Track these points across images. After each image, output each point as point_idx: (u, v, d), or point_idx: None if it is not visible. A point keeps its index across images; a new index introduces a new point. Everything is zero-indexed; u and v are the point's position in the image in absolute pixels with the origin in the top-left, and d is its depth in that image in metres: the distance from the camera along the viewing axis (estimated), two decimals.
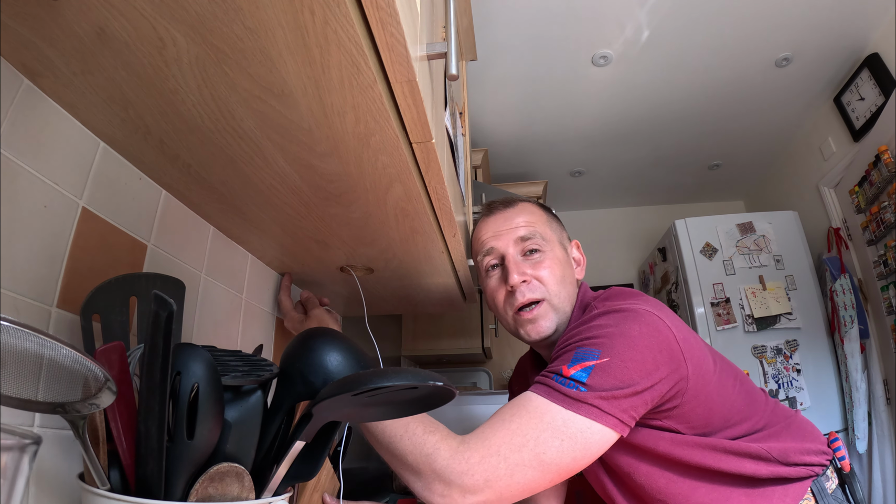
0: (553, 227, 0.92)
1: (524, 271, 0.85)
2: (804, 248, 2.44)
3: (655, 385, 0.68)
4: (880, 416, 2.03)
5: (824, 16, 1.92)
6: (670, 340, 0.71)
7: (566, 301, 0.86)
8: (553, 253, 0.87)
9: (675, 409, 0.72)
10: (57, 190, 0.56)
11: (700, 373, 0.73)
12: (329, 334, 0.61)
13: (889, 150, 1.89)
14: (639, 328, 0.70)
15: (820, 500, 0.75)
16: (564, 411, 0.66)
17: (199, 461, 0.46)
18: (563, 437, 0.65)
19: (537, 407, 0.67)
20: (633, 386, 0.67)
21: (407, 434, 0.69)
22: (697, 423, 0.74)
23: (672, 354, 0.70)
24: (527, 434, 0.65)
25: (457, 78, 0.56)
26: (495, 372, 2.57)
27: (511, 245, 0.87)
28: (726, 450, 0.74)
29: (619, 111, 2.45)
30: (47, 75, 0.51)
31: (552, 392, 0.67)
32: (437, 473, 0.66)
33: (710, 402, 0.74)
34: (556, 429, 0.65)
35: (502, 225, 0.90)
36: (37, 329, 0.33)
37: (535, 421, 0.66)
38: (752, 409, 0.79)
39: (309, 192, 0.71)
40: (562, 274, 0.86)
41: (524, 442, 0.65)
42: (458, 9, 1.22)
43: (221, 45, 0.44)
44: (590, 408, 0.65)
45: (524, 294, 0.84)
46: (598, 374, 0.66)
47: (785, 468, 0.74)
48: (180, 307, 0.66)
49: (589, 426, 0.65)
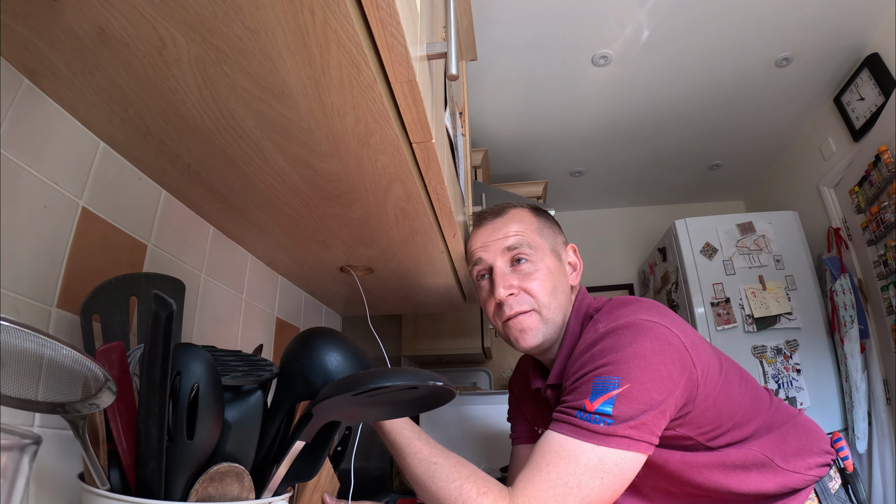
0: (545, 233, 0.90)
1: (510, 283, 0.84)
2: (804, 248, 2.44)
3: (674, 398, 0.69)
4: (880, 416, 2.03)
5: (824, 16, 1.92)
6: (680, 349, 0.71)
7: (557, 311, 0.84)
8: (543, 262, 0.86)
9: (687, 416, 0.72)
10: (57, 190, 0.56)
11: (708, 375, 0.73)
12: (329, 334, 0.61)
13: (889, 150, 1.89)
14: (650, 344, 0.70)
15: (823, 500, 0.75)
16: (598, 448, 0.65)
17: (199, 461, 0.46)
18: (602, 475, 0.65)
19: (570, 450, 0.66)
20: (657, 406, 0.67)
21: (453, 481, 0.69)
22: (708, 426, 0.74)
23: (683, 363, 0.70)
24: (568, 482, 0.64)
25: (457, 78, 0.56)
26: (495, 372, 2.57)
27: (498, 256, 0.86)
28: (735, 465, 0.75)
29: (619, 111, 2.45)
30: (47, 75, 0.51)
31: (580, 431, 0.67)
32: None
33: (718, 404, 0.74)
34: (594, 469, 0.65)
35: (490, 236, 0.88)
36: (37, 329, 0.33)
37: (573, 466, 0.65)
38: (758, 408, 0.79)
39: (309, 192, 0.71)
40: (552, 285, 0.85)
41: (567, 491, 0.64)
42: (458, 9, 1.22)
43: (221, 45, 0.44)
44: (621, 439, 0.65)
45: (511, 307, 0.83)
46: (623, 403, 0.66)
47: (791, 476, 0.75)
48: (180, 307, 0.66)
49: (623, 457, 0.65)
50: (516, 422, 1.06)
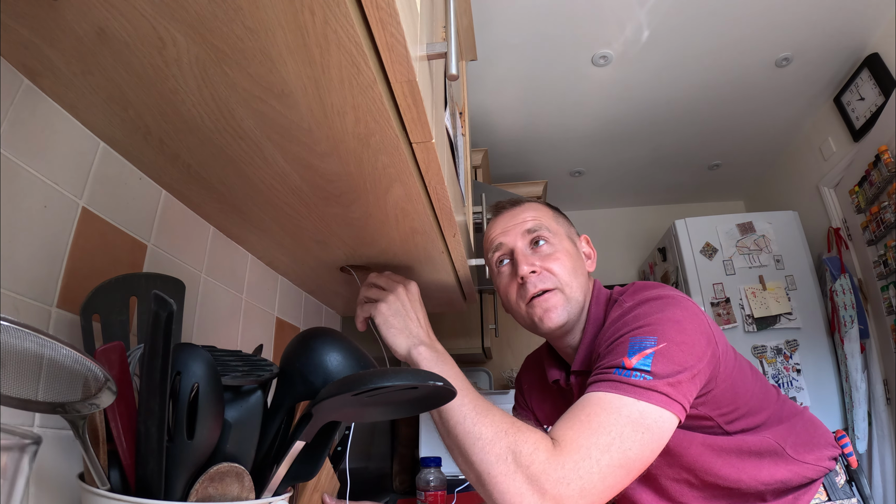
0: (560, 221, 0.94)
1: (533, 262, 0.85)
2: (804, 248, 2.44)
3: (703, 367, 0.69)
4: (880, 416, 2.03)
5: (824, 16, 1.92)
6: (705, 323, 0.73)
7: (578, 291, 0.85)
8: (561, 245, 0.88)
9: (709, 394, 0.73)
10: (57, 190, 0.55)
11: (727, 357, 0.75)
12: (329, 334, 0.61)
13: (889, 150, 1.89)
14: (681, 312, 0.71)
15: (831, 494, 0.78)
16: (639, 402, 0.63)
17: (199, 461, 0.46)
18: (643, 429, 0.62)
19: (611, 402, 0.64)
20: (690, 369, 0.66)
21: (493, 421, 0.67)
22: (726, 407, 0.75)
23: (709, 337, 0.72)
24: (611, 431, 0.62)
25: (457, 78, 0.56)
26: (495, 372, 2.57)
27: (519, 238, 0.89)
28: (750, 451, 0.76)
29: (619, 111, 2.45)
30: (47, 75, 0.51)
31: (621, 385, 0.65)
32: (531, 476, 0.61)
33: (735, 386, 0.76)
34: (636, 422, 0.63)
35: (509, 221, 0.92)
36: (37, 329, 0.33)
37: (614, 416, 0.63)
38: (768, 398, 0.81)
39: (309, 192, 0.70)
40: (572, 265, 0.86)
41: (610, 441, 0.61)
42: (458, 9, 1.22)
43: (221, 45, 0.44)
44: (660, 396, 0.64)
45: (535, 285, 0.84)
46: (660, 361, 0.65)
47: (802, 466, 0.76)
48: (180, 307, 0.66)
49: (661, 414, 0.64)
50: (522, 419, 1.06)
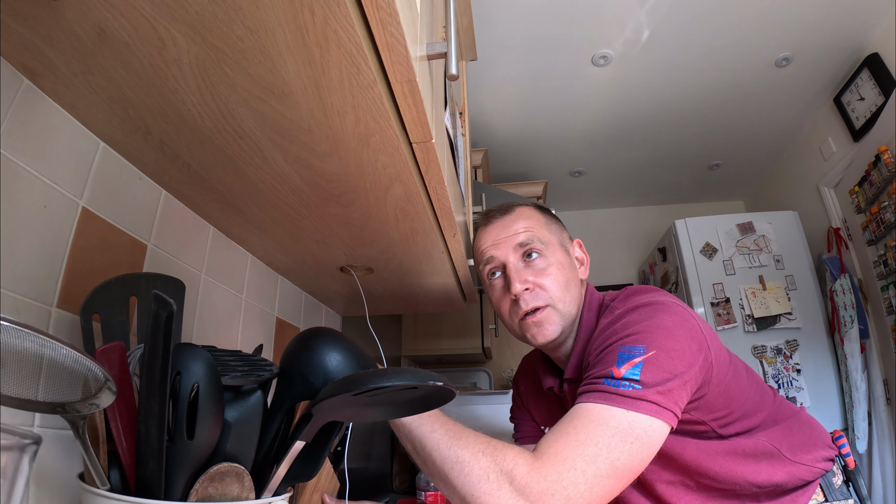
0: (552, 228, 0.91)
1: (526, 279, 0.84)
2: (804, 248, 2.44)
3: (695, 373, 0.69)
4: (880, 416, 2.03)
5: (824, 16, 1.92)
6: (696, 329, 0.72)
7: (571, 304, 0.85)
8: (554, 257, 0.87)
9: (702, 399, 0.73)
10: (57, 190, 0.56)
11: (720, 361, 0.74)
12: (329, 334, 0.61)
13: (889, 150, 1.89)
14: (671, 318, 0.71)
15: (828, 494, 0.77)
16: (628, 413, 0.64)
17: (199, 461, 0.46)
18: (632, 440, 0.63)
19: (599, 414, 0.64)
20: (680, 376, 0.66)
21: (468, 443, 0.65)
22: (720, 411, 0.75)
23: (700, 342, 0.71)
24: (598, 442, 0.62)
25: (457, 78, 0.56)
26: (495, 372, 2.57)
27: (511, 253, 0.86)
28: (745, 453, 0.75)
29: (619, 111, 2.45)
30: (47, 75, 0.51)
31: (609, 396, 0.65)
32: (515, 491, 0.60)
33: (729, 390, 0.75)
34: (624, 432, 0.63)
35: (500, 233, 0.89)
36: (37, 329, 0.33)
37: (602, 428, 0.63)
38: (764, 400, 0.80)
39: (309, 192, 0.71)
40: (565, 279, 0.85)
41: (597, 451, 0.61)
42: (458, 9, 1.22)
43: (221, 45, 0.44)
44: (650, 405, 0.64)
45: (528, 302, 0.83)
46: (649, 369, 0.65)
47: (798, 467, 0.76)
48: (180, 307, 0.66)
49: (651, 423, 0.64)
50: (521, 421, 1.05)
